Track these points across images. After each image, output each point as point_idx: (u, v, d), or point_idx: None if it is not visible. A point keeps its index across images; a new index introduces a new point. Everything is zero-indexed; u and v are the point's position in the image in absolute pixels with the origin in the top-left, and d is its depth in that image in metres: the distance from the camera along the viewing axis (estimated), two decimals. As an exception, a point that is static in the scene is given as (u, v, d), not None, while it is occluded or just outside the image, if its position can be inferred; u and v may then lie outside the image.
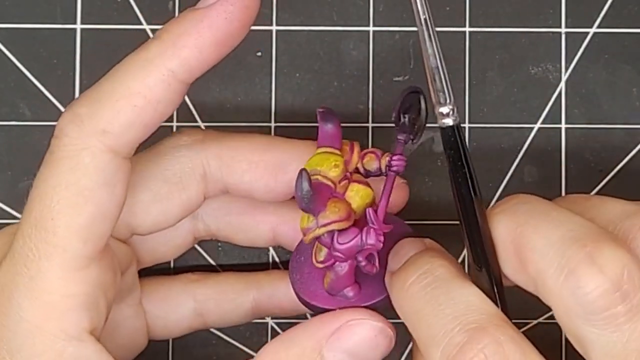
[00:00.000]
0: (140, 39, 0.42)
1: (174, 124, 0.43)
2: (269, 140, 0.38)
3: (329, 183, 0.34)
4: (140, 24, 0.43)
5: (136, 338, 0.39)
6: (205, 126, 0.43)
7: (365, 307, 0.35)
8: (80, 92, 0.43)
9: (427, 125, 0.43)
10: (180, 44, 0.33)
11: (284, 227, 0.40)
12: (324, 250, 0.34)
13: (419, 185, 0.43)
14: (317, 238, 0.33)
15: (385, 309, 0.35)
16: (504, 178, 0.43)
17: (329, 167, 0.34)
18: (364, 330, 0.34)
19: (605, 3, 0.43)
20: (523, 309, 0.43)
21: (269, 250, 0.43)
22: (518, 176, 0.43)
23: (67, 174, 0.33)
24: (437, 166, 0.43)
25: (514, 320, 0.37)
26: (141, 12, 0.43)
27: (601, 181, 0.43)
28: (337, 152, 0.35)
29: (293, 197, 0.36)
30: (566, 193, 0.43)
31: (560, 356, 0.43)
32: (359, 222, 0.34)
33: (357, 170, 0.35)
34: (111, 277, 0.35)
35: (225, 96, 0.43)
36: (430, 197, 0.43)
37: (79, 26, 0.43)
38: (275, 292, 0.41)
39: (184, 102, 0.43)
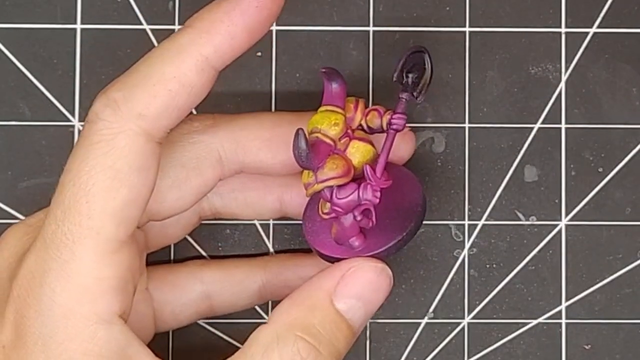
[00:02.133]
0: (140, 39, 0.42)
1: (174, 124, 0.43)
2: (279, 116, 0.39)
3: (328, 141, 0.35)
4: (140, 24, 0.43)
5: (145, 325, 0.39)
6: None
7: (371, 256, 0.36)
8: (80, 92, 0.43)
9: (428, 125, 0.43)
10: (214, 30, 0.34)
11: (289, 195, 0.40)
12: (328, 203, 0.35)
13: (419, 185, 0.43)
14: (317, 193, 0.35)
15: (390, 259, 0.36)
16: (504, 178, 0.43)
17: (329, 126, 0.35)
18: (367, 273, 0.36)
19: (605, 3, 0.43)
20: (523, 309, 0.43)
21: (267, 247, 0.43)
22: (518, 176, 0.43)
23: (103, 157, 0.33)
24: (437, 166, 0.43)
25: (514, 320, 0.37)
26: (141, 12, 0.43)
27: (601, 181, 0.43)
28: (339, 110, 0.36)
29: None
30: (566, 194, 0.43)
31: (560, 356, 0.43)
32: (360, 177, 0.35)
33: (360, 127, 0.36)
34: (138, 262, 0.35)
35: (225, 96, 0.43)
36: (431, 197, 0.43)
37: (79, 26, 0.43)
38: (283, 273, 0.41)
39: (184, 102, 0.43)
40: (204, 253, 0.43)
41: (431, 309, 0.43)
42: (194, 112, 0.43)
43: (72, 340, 0.33)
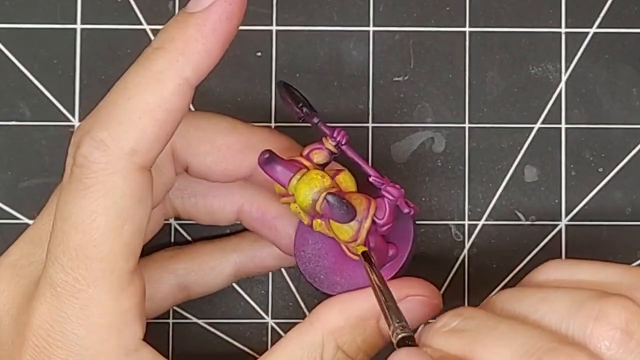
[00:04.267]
0: (140, 39, 0.42)
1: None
2: (233, 124, 0.39)
3: (337, 189, 0.36)
4: (140, 24, 0.43)
5: None
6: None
7: (403, 264, 0.37)
8: (80, 92, 0.43)
9: (427, 125, 0.43)
10: (189, 50, 0.33)
11: (248, 207, 0.40)
12: (347, 234, 0.36)
13: (419, 185, 0.43)
14: (368, 232, 0.35)
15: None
16: (504, 178, 0.43)
17: (322, 181, 0.36)
18: (418, 304, 0.36)
19: (605, 3, 0.43)
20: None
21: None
22: (518, 176, 0.43)
23: (103, 199, 0.33)
24: (437, 166, 0.43)
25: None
26: (141, 12, 0.43)
27: (601, 181, 0.43)
28: (304, 169, 0.36)
29: (246, 179, 0.38)
30: (566, 193, 0.43)
31: (560, 356, 0.43)
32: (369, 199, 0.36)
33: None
34: (144, 281, 0.35)
35: (225, 96, 0.43)
36: (431, 197, 0.43)
37: (79, 26, 0.43)
38: (256, 254, 0.41)
39: (184, 102, 0.43)
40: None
41: (431, 309, 0.43)
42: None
43: None
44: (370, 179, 0.36)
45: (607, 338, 0.30)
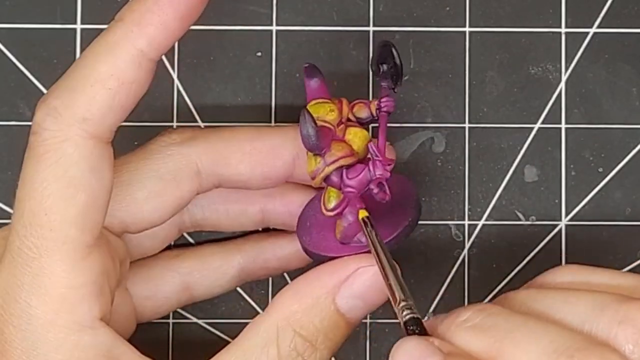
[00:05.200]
0: (140, 39, 0.42)
1: (174, 123, 0.43)
2: (259, 130, 0.38)
3: (329, 126, 0.36)
4: (140, 24, 0.43)
5: (125, 325, 0.39)
6: (206, 126, 0.43)
7: None
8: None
9: (427, 125, 0.43)
10: (145, 22, 0.33)
11: (272, 205, 0.40)
12: (333, 198, 0.36)
13: (419, 185, 0.43)
14: (327, 178, 0.35)
15: (396, 250, 0.36)
16: (504, 178, 0.43)
17: (326, 112, 0.36)
18: (374, 276, 0.35)
19: (605, 3, 0.43)
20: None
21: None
22: (518, 176, 0.43)
23: (53, 167, 0.33)
24: (437, 166, 0.43)
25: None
26: (141, 12, 0.43)
27: (601, 181, 0.43)
28: (329, 100, 0.36)
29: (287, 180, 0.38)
30: (566, 193, 0.43)
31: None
32: (361, 162, 0.36)
33: (349, 120, 0.37)
34: (111, 264, 0.35)
35: (225, 96, 0.43)
36: (431, 197, 0.43)
37: (79, 26, 0.43)
38: (260, 253, 0.41)
39: (184, 102, 0.43)
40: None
41: (431, 309, 0.43)
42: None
43: (56, 350, 0.33)
44: (370, 143, 0.36)
45: (631, 341, 0.30)
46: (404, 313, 0.32)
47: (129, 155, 0.37)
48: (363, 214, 0.35)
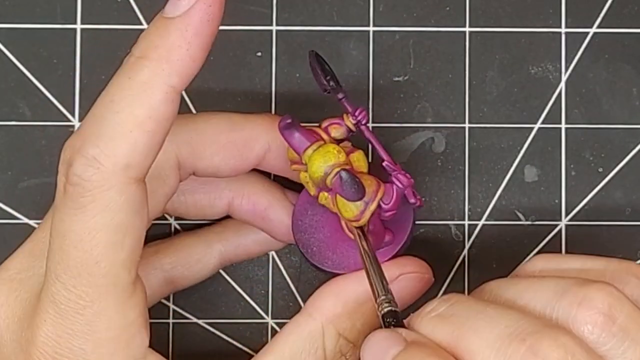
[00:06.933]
0: (140, 39, 0.42)
1: (174, 124, 0.43)
2: (233, 120, 0.38)
3: (350, 167, 0.36)
4: (140, 24, 0.43)
5: None
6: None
7: (398, 251, 0.38)
8: (80, 92, 0.43)
9: (428, 125, 0.43)
10: (174, 58, 0.32)
11: (239, 200, 0.40)
12: (353, 207, 0.36)
13: (419, 185, 0.43)
14: (372, 214, 0.36)
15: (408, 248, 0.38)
16: (504, 178, 0.43)
17: (336, 157, 0.36)
18: (411, 282, 0.37)
19: (605, 3, 0.43)
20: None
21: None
22: (518, 176, 0.43)
23: (100, 216, 0.32)
24: (437, 166, 0.43)
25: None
26: (141, 12, 0.43)
27: (601, 181, 0.43)
28: (321, 141, 0.36)
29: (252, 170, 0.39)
30: (566, 193, 0.43)
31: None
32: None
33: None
34: (144, 286, 0.35)
35: (225, 96, 0.43)
36: (431, 197, 0.43)
37: (79, 26, 0.43)
38: (240, 241, 0.41)
39: (184, 101, 0.43)
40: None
41: (431, 309, 0.43)
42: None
43: None
44: (384, 164, 0.36)
45: (590, 322, 0.30)
46: (383, 306, 0.33)
47: None
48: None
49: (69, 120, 0.43)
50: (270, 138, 0.38)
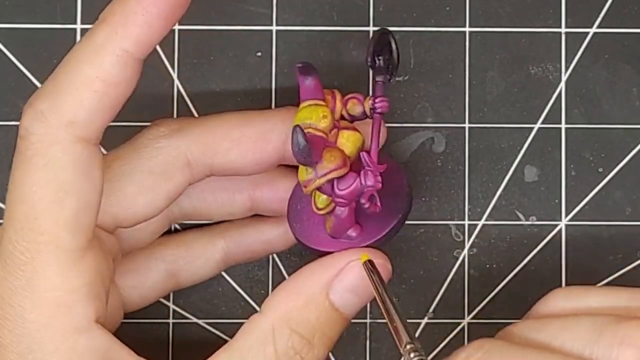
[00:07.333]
0: (140, 39, 0.42)
1: (174, 124, 0.43)
2: (247, 115, 0.38)
3: (321, 134, 0.35)
4: (140, 24, 0.43)
5: (113, 316, 0.39)
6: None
7: (368, 245, 0.36)
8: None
9: (428, 125, 0.43)
10: (129, 23, 0.33)
11: (260, 193, 0.40)
12: (322, 196, 0.36)
13: (419, 185, 0.43)
14: (318, 188, 0.35)
15: (390, 258, 0.37)
16: (504, 178, 0.43)
17: (318, 119, 0.35)
18: (364, 270, 0.36)
19: (605, 3, 0.43)
20: (523, 309, 0.43)
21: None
22: (518, 176, 0.43)
23: (43, 171, 0.33)
24: (437, 166, 0.43)
25: (514, 320, 0.37)
26: (141, 12, 0.43)
27: (601, 181, 0.43)
28: (322, 103, 0.36)
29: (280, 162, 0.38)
30: (566, 194, 0.43)
31: (560, 356, 0.43)
32: (353, 165, 0.35)
33: (342, 117, 0.37)
34: (105, 264, 0.35)
35: (225, 96, 0.43)
36: (431, 197, 0.43)
37: (79, 26, 0.43)
38: (244, 240, 0.41)
39: (184, 101, 0.43)
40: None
41: (431, 309, 0.43)
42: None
43: (52, 354, 0.33)
44: (362, 154, 0.35)
45: None
46: (411, 355, 0.32)
47: (118, 149, 0.37)
48: (365, 257, 0.36)
49: (69, 120, 0.43)
50: (288, 128, 0.37)
